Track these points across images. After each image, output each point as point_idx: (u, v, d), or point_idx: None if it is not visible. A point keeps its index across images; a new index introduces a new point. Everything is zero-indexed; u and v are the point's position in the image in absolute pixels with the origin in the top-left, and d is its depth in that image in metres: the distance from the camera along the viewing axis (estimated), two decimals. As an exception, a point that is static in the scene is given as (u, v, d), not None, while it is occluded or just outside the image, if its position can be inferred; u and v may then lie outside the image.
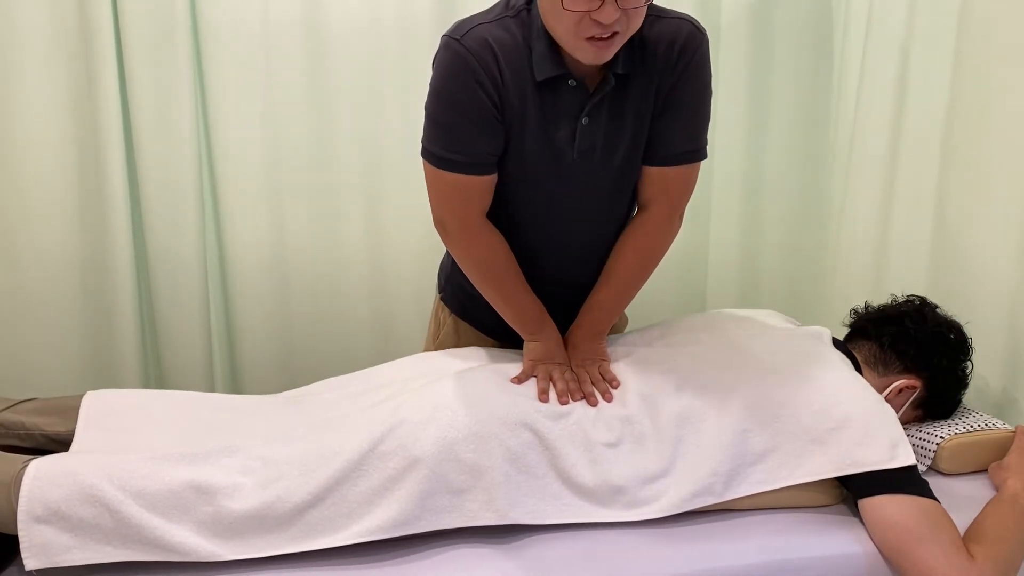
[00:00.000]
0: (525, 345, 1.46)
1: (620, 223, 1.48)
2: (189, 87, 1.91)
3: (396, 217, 2.08)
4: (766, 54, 2.13)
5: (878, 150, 1.89)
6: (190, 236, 1.98)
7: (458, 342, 1.64)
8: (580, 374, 1.40)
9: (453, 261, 1.60)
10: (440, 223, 1.41)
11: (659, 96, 1.33)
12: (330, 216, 2.06)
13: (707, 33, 1.34)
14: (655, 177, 1.41)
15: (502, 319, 1.48)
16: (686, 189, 1.44)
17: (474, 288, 1.49)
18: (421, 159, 1.38)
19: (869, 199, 1.92)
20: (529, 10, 1.28)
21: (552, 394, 1.35)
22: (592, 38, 1.18)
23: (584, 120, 1.32)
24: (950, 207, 1.73)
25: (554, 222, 1.42)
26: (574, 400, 1.34)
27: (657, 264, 1.48)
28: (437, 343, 1.67)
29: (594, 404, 1.34)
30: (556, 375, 1.38)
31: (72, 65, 1.87)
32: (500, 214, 1.41)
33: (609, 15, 1.15)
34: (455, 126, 1.30)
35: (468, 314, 1.62)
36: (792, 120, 2.17)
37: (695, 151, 1.40)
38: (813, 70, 2.14)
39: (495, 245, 1.41)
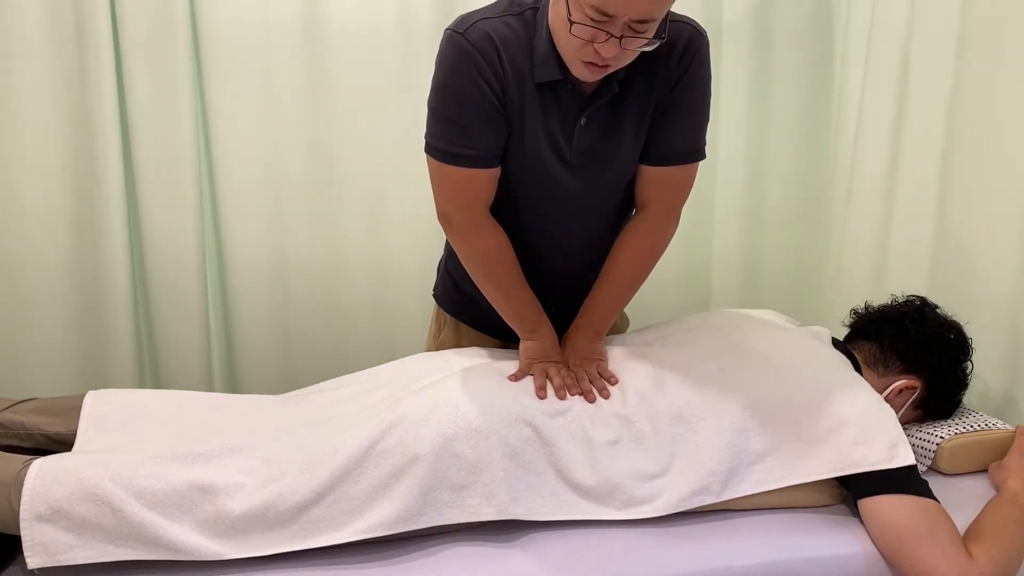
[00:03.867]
0: (521, 344, 1.46)
1: (617, 220, 1.50)
2: (188, 87, 1.91)
3: (396, 218, 2.08)
4: (767, 55, 2.13)
5: (880, 151, 1.89)
6: (188, 237, 1.98)
7: (459, 341, 1.64)
8: (578, 373, 1.40)
9: (446, 261, 1.63)
10: (445, 218, 1.40)
11: (660, 98, 1.35)
12: (330, 217, 2.06)
13: (707, 35, 1.36)
14: (653, 177, 1.42)
15: (497, 316, 1.48)
16: (684, 190, 1.45)
17: (468, 285, 1.50)
18: (425, 155, 1.38)
19: (871, 200, 1.93)
20: (535, 11, 1.30)
21: (550, 390, 1.35)
22: (589, 62, 1.23)
23: (583, 121, 1.34)
24: (952, 208, 1.73)
25: (553, 218, 1.43)
26: (571, 395, 1.34)
27: (654, 264, 1.50)
28: (438, 343, 1.68)
29: (592, 401, 1.34)
30: (552, 372, 1.38)
31: (69, 66, 1.87)
32: (501, 209, 1.42)
33: (610, 50, 1.19)
34: (459, 120, 1.31)
35: (463, 312, 1.63)
36: (794, 121, 2.17)
37: (694, 152, 1.41)
38: (815, 71, 2.14)
39: (499, 240, 1.41)
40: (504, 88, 1.30)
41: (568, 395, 1.34)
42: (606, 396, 1.35)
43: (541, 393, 1.34)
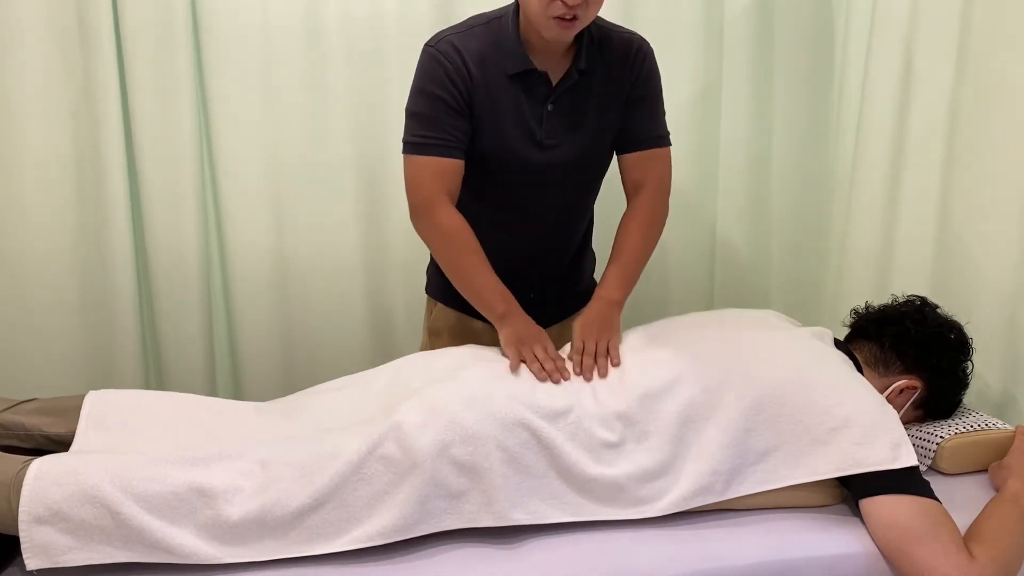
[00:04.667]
0: (500, 337, 1.49)
1: (584, 206, 1.68)
2: (189, 87, 1.91)
3: (396, 217, 2.08)
4: (769, 53, 2.13)
5: (881, 150, 1.88)
6: (190, 237, 1.98)
7: (447, 319, 1.70)
8: (587, 343, 1.43)
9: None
10: (412, 209, 1.52)
11: (625, 93, 1.56)
12: (330, 216, 2.06)
13: (650, 44, 1.59)
14: (639, 161, 1.60)
15: None
16: (666, 172, 1.63)
17: None
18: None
19: (872, 199, 1.92)
20: (500, 18, 1.51)
21: (551, 385, 1.37)
22: (558, 18, 1.39)
23: (549, 107, 1.52)
24: (953, 207, 1.73)
25: (527, 199, 1.58)
26: (564, 378, 1.38)
27: (657, 237, 1.62)
28: (429, 322, 1.76)
29: (588, 379, 1.38)
30: (539, 353, 1.41)
31: (72, 66, 1.87)
32: (481, 195, 1.57)
33: None
34: (430, 113, 1.48)
35: (449, 298, 1.68)
36: (795, 120, 2.17)
37: (662, 137, 1.61)
38: (816, 69, 2.14)
39: (458, 223, 1.50)
40: (471, 89, 1.48)
41: (561, 377, 1.37)
42: (603, 375, 1.39)
43: (541, 376, 1.38)
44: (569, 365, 1.42)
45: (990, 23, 1.62)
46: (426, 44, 1.51)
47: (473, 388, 1.32)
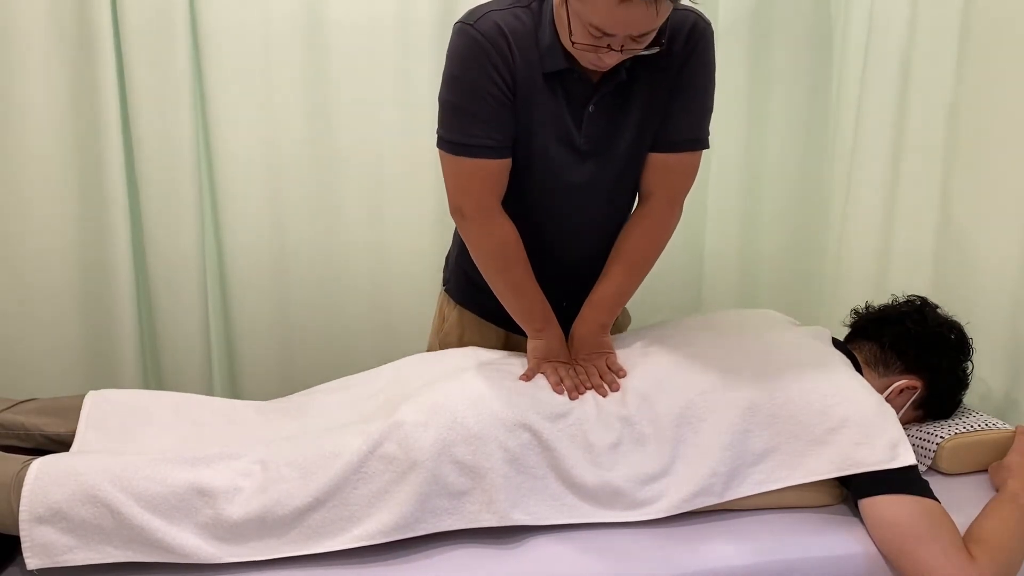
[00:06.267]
0: (529, 343, 1.46)
1: (624, 210, 1.51)
2: (188, 88, 1.91)
3: (396, 217, 2.08)
4: (765, 55, 2.13)
5: (880, 150, 1.88)
6: (189, 237, 1.98)
7: (462, 332, 1.64)
8: (588, 368, 1.41)
9: (458, 250, 1.63)
10: (457, 210, 1.40)
11: (665, 84, 1.36)
12: (330, 216, 2.06)
13: (711, 25, 1.37)
14: (657, 164, 1.43)
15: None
16: (687, 178, 1.46)
17: (477, 276, 1.50)
18: (437, 151, 1.38)
19: (871, 199, 1.92)
20: (541, 2, 1.32)
21: (563, 393, 1.35)
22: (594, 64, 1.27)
23: (591, 109, 1.36)
24: (953, 207, 1.73)
25: (565, 207, 1.44)
26: (581, 394, 1.35)
27: (658, 256, 1.49)
28: (441, 335, 1.68)
29: (604, 395, 1.35)
30: (563, 373, 1.39)
31: (71, 66, 1.87)
32: (513, 200, 1.42)
33: (613, 58, 1.24)
34: (472, 110, 1.32)
35: (471, 302, 1.63)
36: (792, 121, 2.17)
37: (697, 140, 1.42)
38: (813, 71, 2.14)
39: (510, 233, 1.41)
40: (515, 78, 1.31)
41: (579, 394, 1.35)
42: (616, 388, 1.36)
43: (558, 388, 1.35)
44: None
45: (989, 25, 1.62)
46: (462, 22, 1.30)
47: (475, 388, 1.32)
